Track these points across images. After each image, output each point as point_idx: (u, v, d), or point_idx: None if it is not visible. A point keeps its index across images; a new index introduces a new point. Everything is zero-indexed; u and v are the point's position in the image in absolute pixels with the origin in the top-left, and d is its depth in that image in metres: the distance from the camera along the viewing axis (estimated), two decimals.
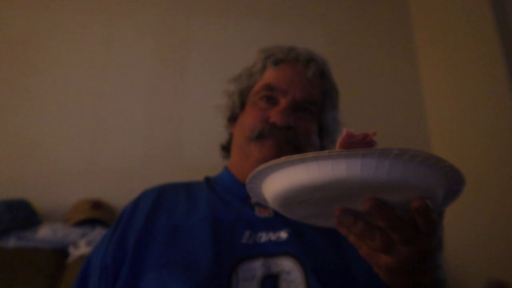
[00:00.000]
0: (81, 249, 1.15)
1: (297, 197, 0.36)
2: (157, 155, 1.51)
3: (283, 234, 0.58)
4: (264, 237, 0.57)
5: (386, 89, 1.74)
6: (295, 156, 0.33)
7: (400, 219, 0.35)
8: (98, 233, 1.21)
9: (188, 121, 1.57)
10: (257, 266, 0.53)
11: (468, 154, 1.41)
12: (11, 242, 1.15)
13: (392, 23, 1.85)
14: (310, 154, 0.32)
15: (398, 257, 0.37)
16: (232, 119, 0.74)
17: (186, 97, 1.61)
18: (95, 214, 1.25)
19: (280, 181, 0.36)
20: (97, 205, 1.29)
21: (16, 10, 1.59)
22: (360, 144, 0.34)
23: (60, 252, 1.17)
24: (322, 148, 0.71)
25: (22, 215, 1.21)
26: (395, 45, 1.81)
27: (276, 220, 0.60)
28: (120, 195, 1.37)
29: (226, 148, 0.79)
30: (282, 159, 0.34)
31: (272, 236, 0.57)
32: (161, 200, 0.64)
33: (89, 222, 1.25)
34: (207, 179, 0.72)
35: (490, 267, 1.24)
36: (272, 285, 0.51)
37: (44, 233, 1.19)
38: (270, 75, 0.68)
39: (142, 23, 1.67)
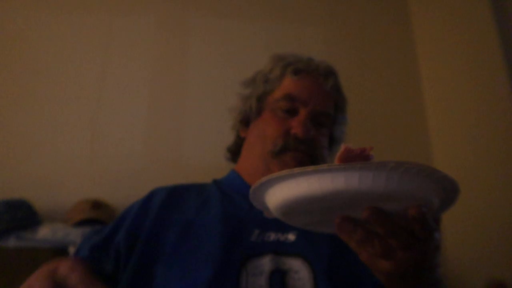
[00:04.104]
0: None
1: (298, 207, 0.38)
2: (157, 156, 1.51)
3: (291, 236, 0.59)
4: (272, 236, 0.59)
5: (386, 89, 1.74)
6: (296, 170, 0.35)
7: (398, 226, 0.36)
8: None
9: (188, 121, 1.57)
10: (266, 262, 0.55)
11: (468, 154, 1.41)
12: (11, 242, 1.15)
13: (392, 25, 1.85)
14: (310, 168, 0.34)
15: (397, 262, 0.38)
16: (245, 122, 0.75)
17: (186, 97, 1.61)
18: (95, 214, 1.25)
19: (281, 193, 0.38)
20: (97, 205, 1.29)
21: (16, 10, 1.59)
22: (358, 158, 0.36)
23: (60, 252, 1.17)
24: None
25: (22, 215, 1.21)
26: (395, 46, 1.81)
27: (285, 222, 0.62)
28: (120, 195, 1.37)
29: (233, 151, 0.79)
30: (284, 172, 0.36)
31: (281, 237, 0.59)
32: (173, 197, 0.66)
33: (89, 222, 1.25)
34: (215, 181, 0.73)
35: (490, 267, 1.24)
36: (280, 280, 0.53)
37: (44, 233, 1.19)
38: (290, 85, 0.69)
39: (142, 23, 1.67)
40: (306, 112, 0.66)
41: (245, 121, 0.75)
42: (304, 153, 0.64)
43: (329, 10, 1.82)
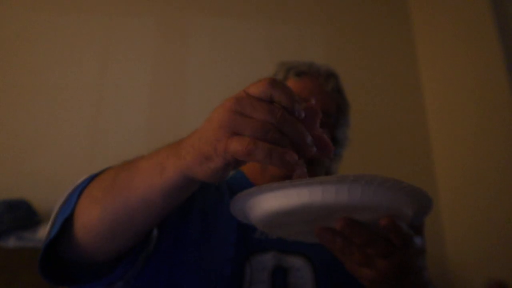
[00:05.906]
0: None
1: (274, 220, 0.38)
2: None
3: None
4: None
5: (386, 90, 1.74)
6: (264, 186, 0.36)
7: (373, 235, 0.37)
8: None
9: (188, 121, 1.57)
10: (268, 258, 0.57)
11: (469, 154, 1.41)
12: (11, 242, 1.15)
13: (392, 25, 1.85)
14: (275, 184, 0.35)
15: (378, 270, 0.39)
16: None
17: (186, 97, 1.61)
18: None
19: (253, 208, 0.39)
20: None
21: (16, 10, 1.59)
22: None
23: None
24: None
25: (22, 215, 1.21)
26: (395, 46, 1.81)
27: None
28: None
29: None
30: (254, 188, 0.37)
31: None
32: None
33: None
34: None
35: (490, 267, 1.24)
36: (282, 277, 0.56)
37: (44, 233, 1.19)
38: (291, 86, 0.71)
39: (142, 23, 1.67)
40: None
41: None
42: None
43: (329, 10, 1.82)
